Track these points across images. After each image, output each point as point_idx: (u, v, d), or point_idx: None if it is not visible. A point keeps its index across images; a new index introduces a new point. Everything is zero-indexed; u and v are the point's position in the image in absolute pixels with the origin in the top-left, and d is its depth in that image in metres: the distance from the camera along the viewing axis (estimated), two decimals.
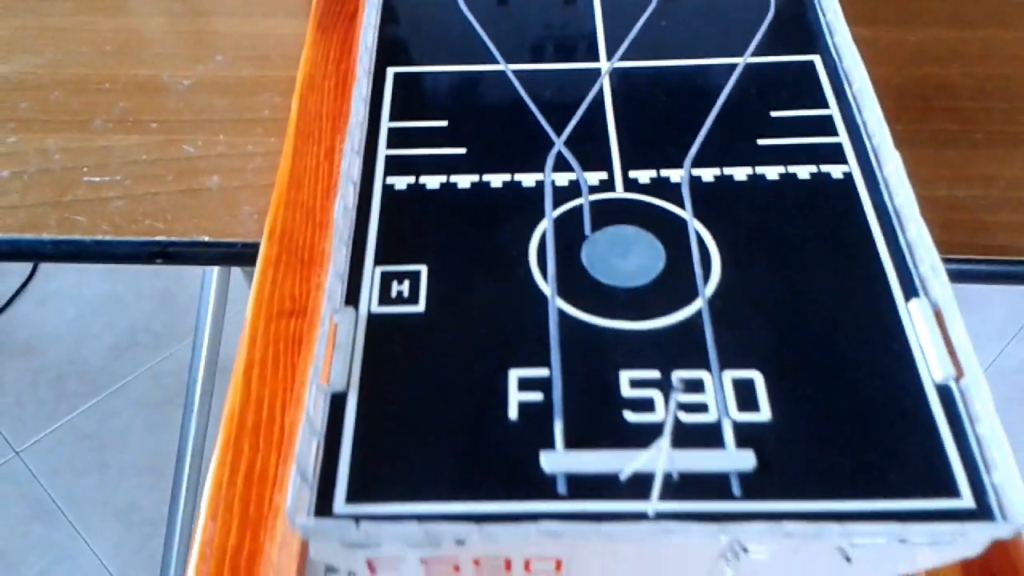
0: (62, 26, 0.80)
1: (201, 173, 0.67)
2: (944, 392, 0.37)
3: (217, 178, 0.66)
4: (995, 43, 0.75)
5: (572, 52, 0.54)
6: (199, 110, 0.71)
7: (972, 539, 0.33)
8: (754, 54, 0.54)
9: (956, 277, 0.55)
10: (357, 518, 0.33)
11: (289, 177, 0.60)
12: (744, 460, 0.35)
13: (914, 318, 0.40)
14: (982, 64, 0.73)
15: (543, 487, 0.34)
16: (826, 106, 0.50)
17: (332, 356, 0.38)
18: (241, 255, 0.63)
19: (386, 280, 0.42)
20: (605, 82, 0.51)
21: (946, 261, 0.40)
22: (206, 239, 0.63)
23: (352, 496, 0.35)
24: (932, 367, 0.38)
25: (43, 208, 0.65)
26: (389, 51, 0.55)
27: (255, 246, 0.54)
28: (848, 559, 0.34)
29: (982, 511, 0.34)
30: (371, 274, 0.43)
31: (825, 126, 0.49)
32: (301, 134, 0.63)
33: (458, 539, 0.33)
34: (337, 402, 0.37)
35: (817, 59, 0.53)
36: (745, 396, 0.37)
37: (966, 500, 0.34)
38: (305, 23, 0.68)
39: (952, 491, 0.34)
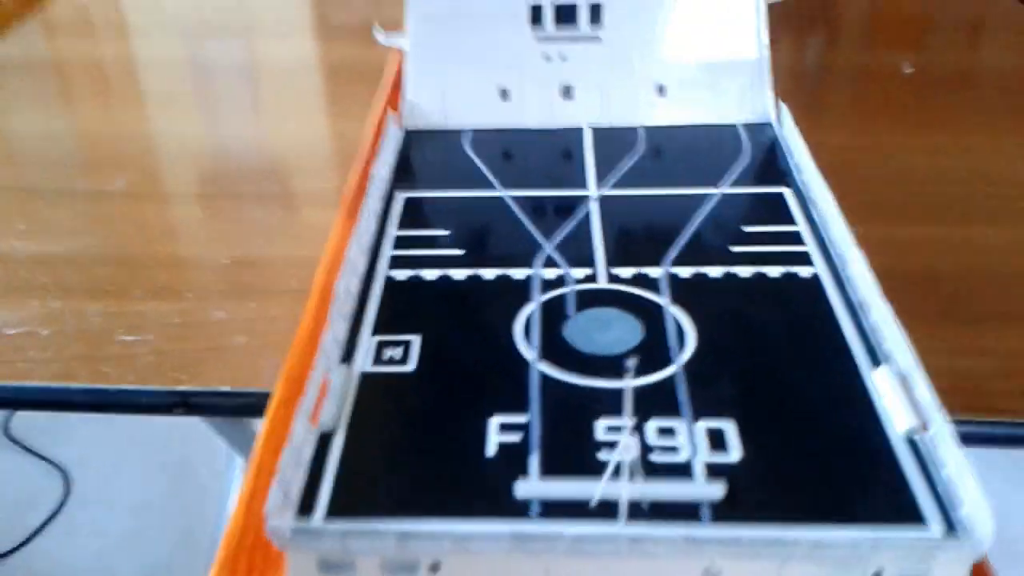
0: (113, 214, 0.86)
1: (229, 334, 0.70)
2: (911, 443, 0.38)
3: (243, 338, 0.69)
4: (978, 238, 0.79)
5: (564, 185, 0.59)
6: (233, 283, 0.76)
7: (944, 565, 0.33)
8: (729, 186, 0.59)
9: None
10: (335, 531, 0.34)
11: (309, 333, 0.63)
12: (714, 490, 0.35)
13: (878, 382, 0.42)
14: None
15: (517, 511, 0.35)
16: (794, 223, 0.55)
17: (323, 402, 0.41)
18: (259, 407, 0.65)
19: (381, 346, 0.45)
20: (593, 204, 0.55)
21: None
22: (226, 389, 0.65)
23: (332, 512, 0.36)
24: (897, 420, 0.39)
25: (76, 361, 0.68)
26: (400, 180, 0.61)
27: None
28: None
29: (952, 537, 0.34)
30: (367, 341, 0.46)
31: (793, 239, 0.53)
32: (323, 299, 0.66)
33: (433, 554, 0.33)
34: (325, 439, 0.39)
35: (787, 191, 0.58)
36: (717, 440, 0.38)
37: (935, 530, 0.34)
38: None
39: (921, 520, 0.35)
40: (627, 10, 0.67)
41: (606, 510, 0.35)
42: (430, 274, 0.51)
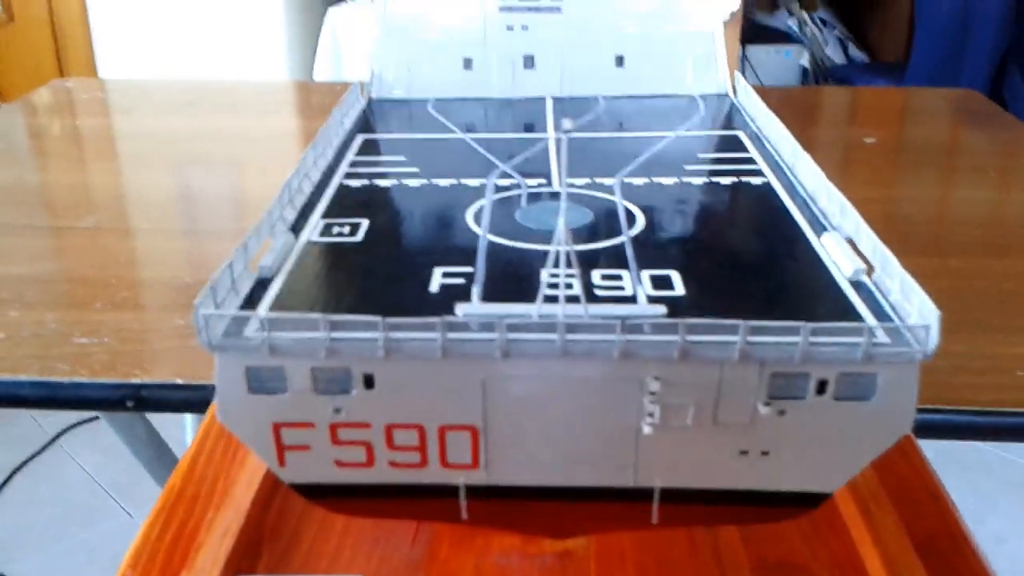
0: (81, 245, 0.87)
1: (188, 337, 0.69)
2: (858, 286, 0.38)
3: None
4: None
5: (524, 132, 0.60)
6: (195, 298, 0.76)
7: (890, 369, 0.32)
8: (685, 131, 0.61)
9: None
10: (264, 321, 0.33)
11: None
12: (655, 310, 0.35)
13: (825, 242, 0.42)
14: None
15: (455, 328, 0.33)
16: (746, 151, 0.55)
17: (264, 254, 0.40)
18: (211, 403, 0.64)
19: (329, 226, 0.45)
20: (551, 142, 0.55)
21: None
22: (179, 382, 0.64)
23: (264, 328, 0.34)
24: (843, 267, 0.39)
25: (29, 360, 0.66)
26: (361, 130, 0.62)
27: None
28: None
29: (897, 340, 0.34)
30: (316, 222, 0.46)
31: (746, 162, 0.55)
32: None
33: (365, 364, 0.32)
34: (263, 284, 0.38)
35: (741, 133, 0.60)
36: (661, 283, 0.38)
37: (880, 335, 0.34)
38: None
39: (866, 332, 0.33)
40: None
41: (546, 329, 0.33)
42: (384, 182, 0.52)
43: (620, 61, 0.70)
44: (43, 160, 1.15)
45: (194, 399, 0.64)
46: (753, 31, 2.72)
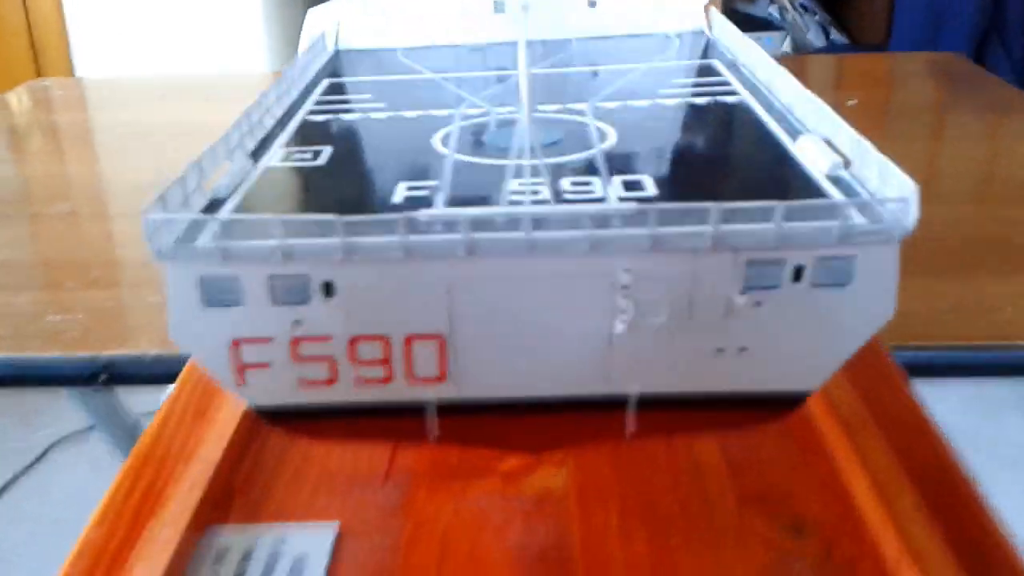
0: (53, 231, 0.85)
1: (162, 313, 0.68)
2: (836, 180, 0.36)
3: None
4: None
5: (494, 70, 0.59)
6: None
7: (869, 249, 0.31)
8: (659, 61, 0.60)
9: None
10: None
11: None
12: (625, 207, 0.33)
13: (800, 145, 0.41)
14: None
15: (418, 230, 0.32)
16: (721, 75, 0.54)
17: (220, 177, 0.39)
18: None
19: (290, 153, 0.43)
20: (521, 77, 0.54)
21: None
22: (152, 353, 0.62)
23: (224, 230, 0.33)
24: (820, 164, 0.38)
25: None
26: (326, 75, 0.60)
27: None
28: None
29: (875, 220, 0.32)
30: (277, 151, 0.45)
31: (721, 84, 0.53)
32: None
33: (323, 271, 0.31)
34: (216, 204, 0.36)
35: (717, 62, 0.58)
36: (633, 187, 0.36)
37: (856, 219, 0.33)
38: None
39: (842, 216, 0.32)
40: None
41: (512, 227, 0.32)
42: (350, 116, 0.50)
43: (592, 2, 0.69)
44: (18, 154, 1.14)
45: (168, 372, 0.63)
46: (734, 19, 2.71)
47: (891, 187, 0.33)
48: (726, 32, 0.62)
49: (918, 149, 0.97)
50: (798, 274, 0.32)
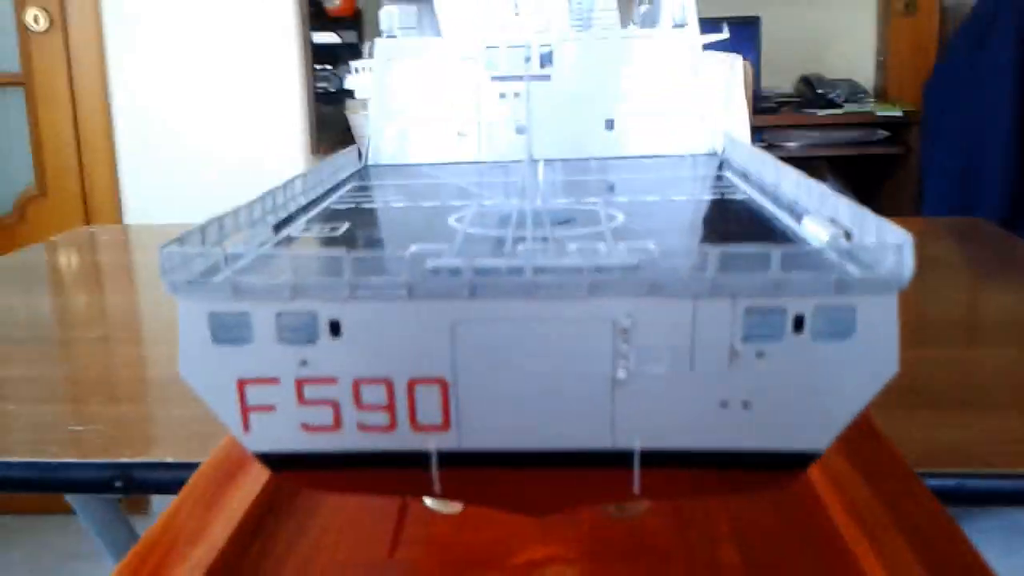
0: (83, 352, 0.87)
1: (186, 423, 0.68)
2: (835, 246, 0.36)
3: (199, 426, 0.67)
4: None
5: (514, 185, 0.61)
6: None
7: (867, 302, 0.32)
8: (670, 171, 0.62)
9: None
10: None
11: None
12: (627, 256, 0.33)
13: (804, 223, 0.41)
14: None
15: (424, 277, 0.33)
16: (731, 182, 0.56)
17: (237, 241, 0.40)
18: None
19: (309, 228, 0.44)
20: (539, 183, 0.56)
21: None
22: (170, 460, 0.62)
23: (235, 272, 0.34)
24: (820, 235, 0.38)
25: (21, 445, 0.65)
26: (352, 181, 0.63)
27: None
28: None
29: (870, 273, 0.33)
30: (297, 225, 0.46)
31: (730, 186, 0.54)
32: None
33: (330, 310, 0.31)
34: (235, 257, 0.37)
35: (728, 172, 0.60)
36: (636, 248, 0.36)
37: (854, 272, 0.33)
38: None
39: (841, 272, 0.33)
40: (576, 52, 0.72)
41: (515, 273, 0.32)
42: (371, 204, 0.52)
43: (610, 124, 0.72)
44: (60, 289, 1.18)
45: (186, 479, 0.62)
46: None
47: (888, 241, 0.33)
48: (740, 150, 0.65)
49: (943, 298, 0.98)
50: (799, 325, 0.33)
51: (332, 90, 2.45)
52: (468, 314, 0.32)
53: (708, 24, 0.76)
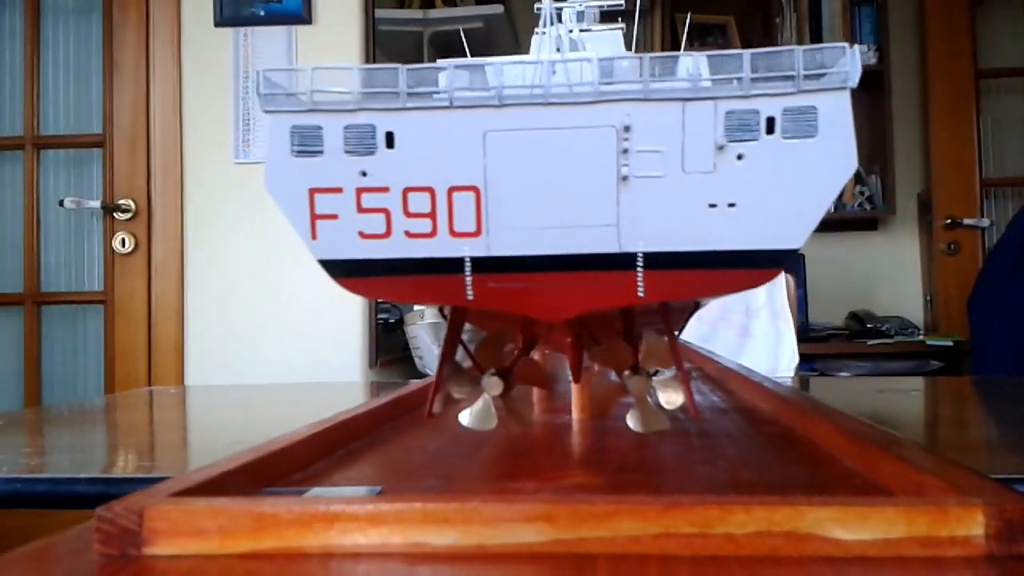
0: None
1: None
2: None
3: None
4: None
5: None
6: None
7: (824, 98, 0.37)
8: None
9: None
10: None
11: None
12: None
13: None
14: None
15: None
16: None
17: None
18: None
19: None
20: None
21: None
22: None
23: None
24: None
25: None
26: None
27: None
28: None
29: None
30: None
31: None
32: None
33: (388, 121, 0.38)
34: None
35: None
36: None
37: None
38: None
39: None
40: None
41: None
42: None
43: None
44: (115, 431, 1.21)
45: None
46: None
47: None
48: None
49: None
50: (771, 127, 0.39)
51: (392, 320, 2.57)
52: (496, 124, 0.39)
53: None
